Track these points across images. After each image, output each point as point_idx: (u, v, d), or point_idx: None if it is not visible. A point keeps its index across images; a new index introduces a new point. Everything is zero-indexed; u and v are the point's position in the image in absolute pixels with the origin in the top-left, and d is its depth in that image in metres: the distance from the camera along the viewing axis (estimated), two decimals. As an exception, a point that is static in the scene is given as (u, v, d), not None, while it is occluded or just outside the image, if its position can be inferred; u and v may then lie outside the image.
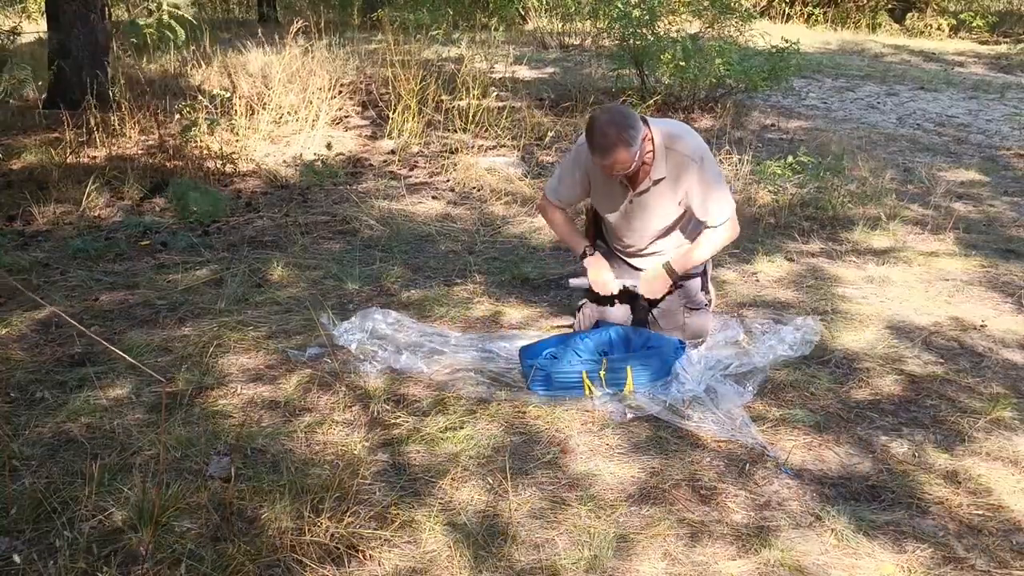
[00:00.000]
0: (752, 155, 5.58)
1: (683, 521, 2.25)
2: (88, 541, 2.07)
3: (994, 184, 5.70)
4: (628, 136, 2.83)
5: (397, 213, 4.79)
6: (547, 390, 2.87)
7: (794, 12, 14.54)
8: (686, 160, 2.98)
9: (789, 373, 3.05)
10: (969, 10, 14.87)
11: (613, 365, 2.88)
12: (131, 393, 2.83)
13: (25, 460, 2.42)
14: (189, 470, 2.41)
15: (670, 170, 3.00)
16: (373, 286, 3.80)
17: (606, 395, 2.83)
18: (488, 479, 2.41)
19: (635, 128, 2.85)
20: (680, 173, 3.00)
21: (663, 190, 3.05)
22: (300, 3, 15.14)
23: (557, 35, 11.15)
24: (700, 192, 3.01)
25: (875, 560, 2.13)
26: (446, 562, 2.09)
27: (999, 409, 2.81)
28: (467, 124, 6.39)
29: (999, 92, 9.03)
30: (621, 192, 3.10)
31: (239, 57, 8.04)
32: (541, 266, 4.04)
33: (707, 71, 6.85)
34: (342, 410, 2.75)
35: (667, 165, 3.00)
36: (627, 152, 2.84)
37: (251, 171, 5.54)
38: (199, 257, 4.09)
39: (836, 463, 2.53)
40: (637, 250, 3.25)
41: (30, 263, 3.95)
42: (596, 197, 3.21)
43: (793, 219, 4.77)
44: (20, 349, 3.13)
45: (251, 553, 2.06)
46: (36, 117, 6.17)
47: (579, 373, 2.86)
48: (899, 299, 3.74)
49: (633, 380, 2.86)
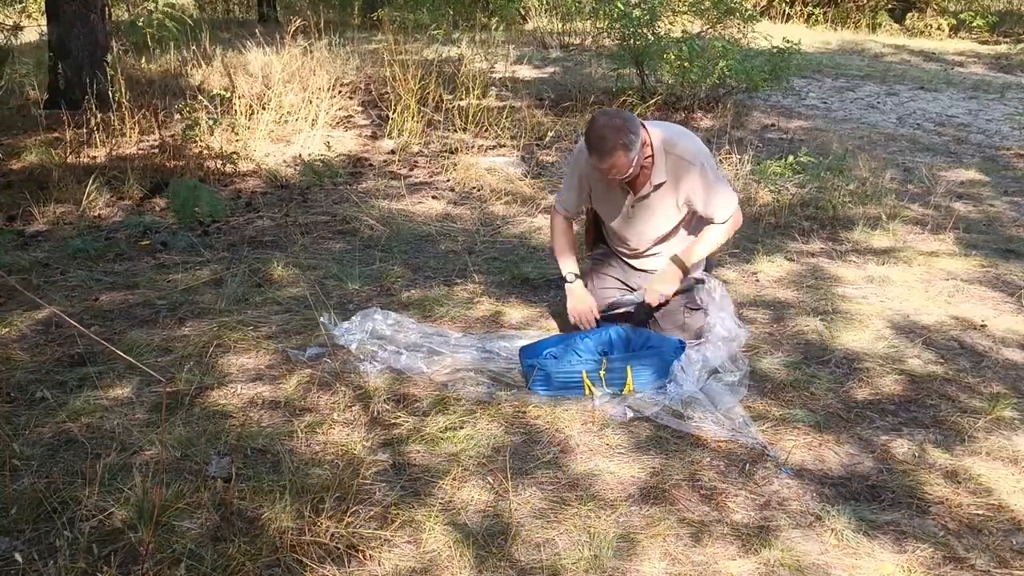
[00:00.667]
0: (752, 155, 5.59)
1: (683, 521, 2.25)
2: (88, 541, 2.07)
3: (994, 184, 5.70)
4: (627, 140, 2.82)
5: (397, 213, 4.79)
6: (547, 390, 2.87)
7: (794, 12, 14.54)
8: (685, 163, 2.98)
9: (789, 373, 3.05)
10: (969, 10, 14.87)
11: (613, 365, 2.87)
12: (131, 393, 2.82)
13: (25, 460, 2.42)
14: (189, 470, 2.41)
15: (670, 174, 3.00)
16: (373, 286, 3.80)
17: (606, 395, 2.83)
18: (488, 479, 2.41)
19: (634, 133, 2.85)
20: (680, 176, 3.00)
21: (664, 194, 3.05)
22: (300, 3, 15.14)
23: (557, 35, 11.15)
24: (703, 194, 3.01)
25: (875, 560, 2.13)
26: (446, 562, 2.09)
27: (999, 409, 2.81)
28: (467, 124, 6.39)
29: (999, 92, 9.03)
30: (622, 197, 3.10)
31: (239, 57, 8.04)
32: (541, 266, 4.04)
33: (709, 71, 6.85)
34: (342, 410, 2.75)
35: (667, 169, 3.00)
36: (625, 156, 2.84)
37: (251, 171, 5.54)
38: (199, 257, 4.09)
39: (836, 463, 2.53)
40: (639, 252, 3.25)
41: (30, 263, 3.95)
42: (597, 202, 3.21)
43: (793, 219, 4.77)
44: (20, 349, 3.13)
45: (251, 553, 2.06)
46: (36, 117, 6.16)
47: (579, 373, 2.86)
48: (899, 299, 3.74)
49: (633, 380, 2.86)
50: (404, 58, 7.42)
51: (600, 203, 3.20)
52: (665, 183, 3.02)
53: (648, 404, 2.78)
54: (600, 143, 2.83)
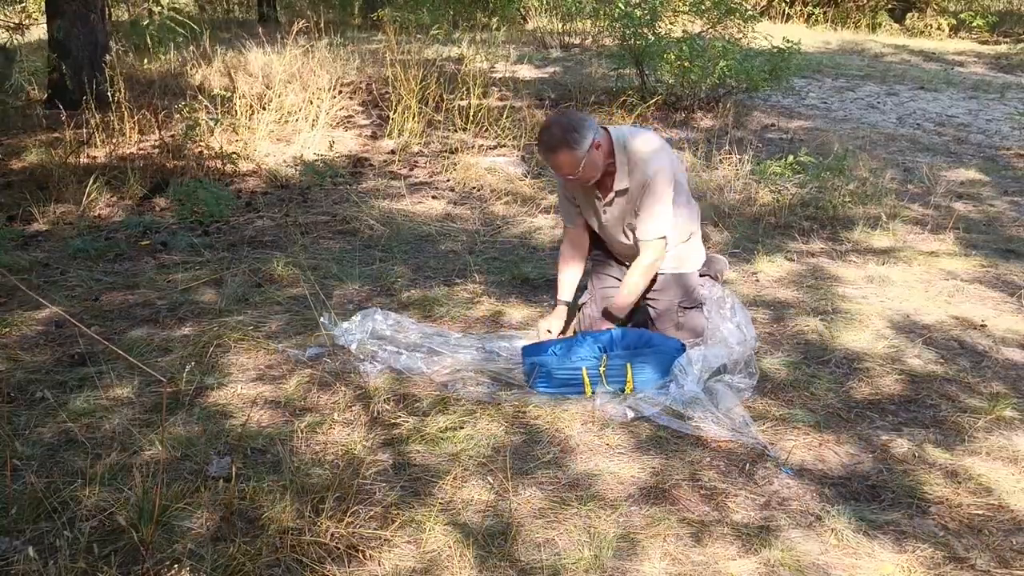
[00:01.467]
0: (753, 155, 5.59)
1: (684, 521, 2.25)
2: (88, 541, 2.06)
3: (994, 184, 5.70)
4: (571, 139, 2.85)
5: (397, 213, 4.79)
6: (548, 387, 2.87)
7: (794, 12, 14.54)
8: (640, 173, 3.01)
9: (789, 373, 3.05)
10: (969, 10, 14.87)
11: (613, 362, 2.88)
12: (131, 393, 2.83)
13: (25, 460, 2.42)
14: (189, 470, 2.41)
15: (634, 183, 3.02)
16: (373, 286, 3.80)
17: (607, 393, 2.83)
18: (489, 479, 2.41)
19: (581, 132, 2.86)
20: (637, 185, 3.02)
21: (626, 201, 3.07)
22: (300, 3, 15.15)
23: (558, 35, 11.15)
24: (644, 204, 3.03)
25: (875, 560, 2.13)
26: (446, 562, 2.09)
27: (1000, 408, 2.81)
28: (467, 124, 6.39)
29: (999, 92, 9.03)
30: (596, 202, 3.15)
31: (239, 57, 8.04)
32: (541, 266, 4.04)
33: (709, 71, 6.85)
34: (342, 410, 2.75)
35: (632, 178, 3.02)
36: (570, 154, 2.87)
37: (251, 171, 5.54)
38: (199, 257, 4.09)
39: (836, 463, 2.53)
40: (625, 254, 3.27)
41: (30, 263, 3.95)
42: (582, 208, 3.26)
43: (793, 219, 4.77)
44: (20, 349, 3.13)
45: (251, 553, 2.06)
46: (36, 117, 6.17)
47: (579, 370, 2.87)
48: (899, 298, 3.74)
49: (634, 378, 2.86)
50: (404, 58, 7.42)
51: (583, 208, 3.25)
52: (628, 190, 3.04)
53: (648, 404, 2.78)
54: (547, 139, 2.89)
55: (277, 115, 6.30)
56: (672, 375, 2.87)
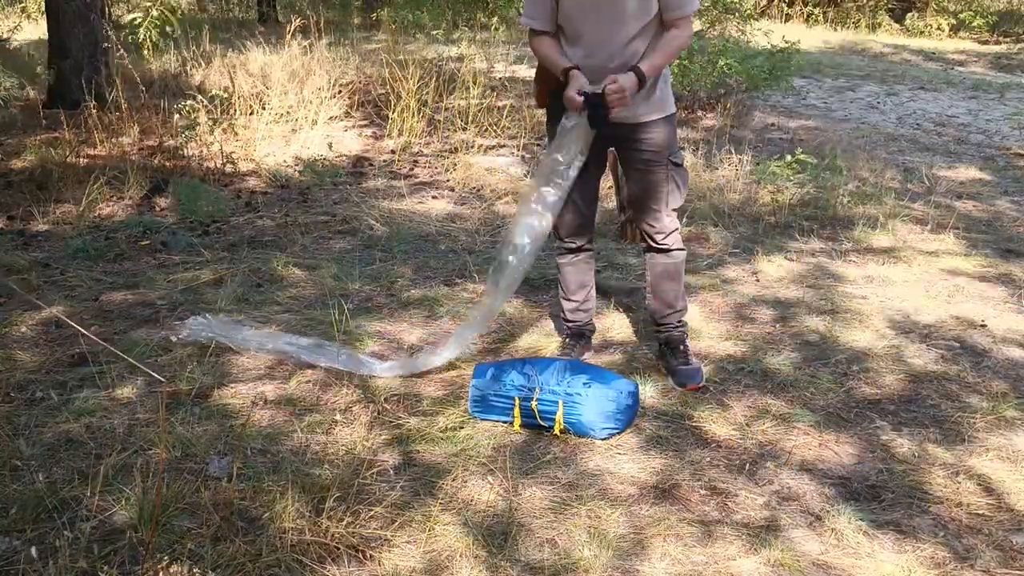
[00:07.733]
0: (753, 155, 5.59)
1: (685, 520, 2.25)
2: (89, 541, 2.06)
3: (994, 183, 5.70)
4: None
5: (397, 213, 4.79)
6: (482, 413, 2.70)
7: (794, 12, 14.54)
8: None
9: (789, 372, 3.05)
10: (969, 10, 14.88)
11: (545, 398, 2.61)
12: (132, 393, 2.82)
13: (26, 460, 2.42)
14: (189, 470, 2.41)
15: None
16: (374, 285, 3.80)
17: (534, 426, 2.63)
18: (490, 479, 2.41)
19: None
20: None
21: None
22: (300, 3, 15.14)
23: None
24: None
25: (875, 560, 2.12)
26: (448, 562, 2.09)
27: (1001, 408, 2.81)
28: (467, 124, 6.39)
29: (999, 92, 9.03)
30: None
31: (239, 57, 8.04)
32: (541, 266, 4.04)
33: (709, 71, 6.85)
34: (343, 410, 2.75)
35: None
36: None
37: (251, 171, 5.54)
38: (199, 257, 4.09)
39: (837, 462, 2.53)
40: (605, 69, 2.75)
41: (30, 263, 3.95)
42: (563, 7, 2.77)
43: (793, 218, 4.77)
44: (20, 349, 3.13)
45: (252, 553, 2.05)
46: (36, 117, 6.16)
47: (512, 399, 2.65)
48: (900, 298, 3.73)
49: (563, 419, 2.59)
50: (404, 58, 7.41)
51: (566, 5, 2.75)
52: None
53: None
54: None
55: (277, 115, 6.30)
56: (610, 418, 2.60)
